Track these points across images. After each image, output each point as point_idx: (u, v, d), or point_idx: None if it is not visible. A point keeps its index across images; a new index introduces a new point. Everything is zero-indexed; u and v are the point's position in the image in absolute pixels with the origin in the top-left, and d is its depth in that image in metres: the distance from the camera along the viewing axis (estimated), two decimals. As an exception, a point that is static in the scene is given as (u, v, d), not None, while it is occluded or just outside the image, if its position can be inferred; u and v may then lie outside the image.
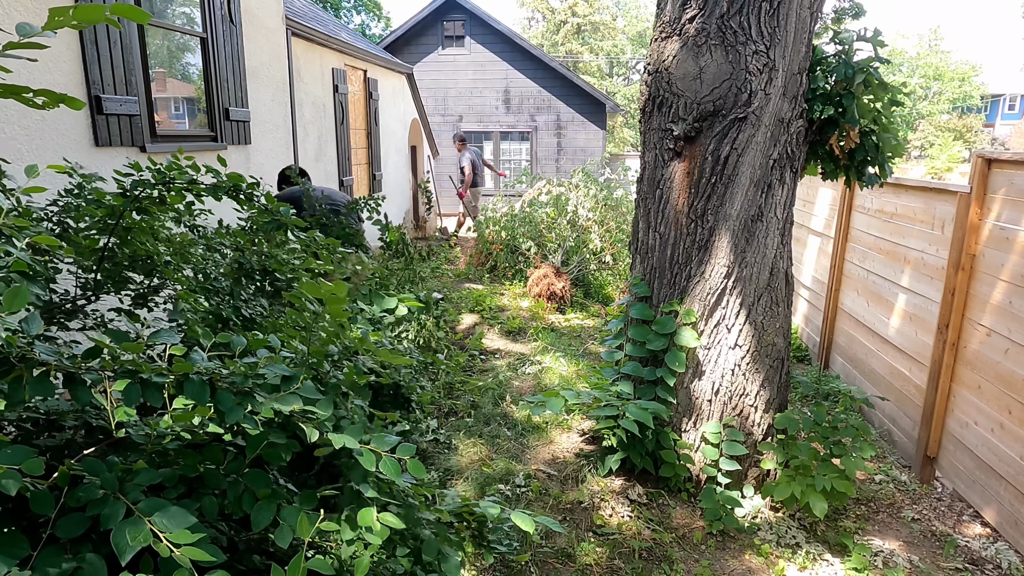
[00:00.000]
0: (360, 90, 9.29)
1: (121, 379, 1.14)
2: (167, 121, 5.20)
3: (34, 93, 1.20)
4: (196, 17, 5.13)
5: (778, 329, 3.43)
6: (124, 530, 1.00)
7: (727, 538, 3.16)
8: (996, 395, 3.26)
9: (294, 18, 6.79)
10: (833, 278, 5.30)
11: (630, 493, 3.41)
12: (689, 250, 3.38)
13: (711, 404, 3.42)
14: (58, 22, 1.07)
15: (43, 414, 1.31)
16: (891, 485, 3.77)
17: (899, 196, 4.35)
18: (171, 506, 1.07)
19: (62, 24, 1.08)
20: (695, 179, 3.30)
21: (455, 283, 8.23)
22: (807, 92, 3.32)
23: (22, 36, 1.06)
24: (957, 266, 3.55)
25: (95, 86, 3.80)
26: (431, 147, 13.71)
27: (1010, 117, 37.81)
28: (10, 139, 3.24)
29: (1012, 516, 3.17)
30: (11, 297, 1.01)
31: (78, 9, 1.09)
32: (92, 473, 1.11)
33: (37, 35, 1.06)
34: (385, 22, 32.56)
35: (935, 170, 20.14)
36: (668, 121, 3.32)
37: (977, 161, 3.44)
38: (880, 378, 4.49)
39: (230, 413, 1.15)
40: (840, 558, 3.04)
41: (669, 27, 3.28)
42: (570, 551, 2.96)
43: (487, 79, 16.67)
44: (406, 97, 11.79)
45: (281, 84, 6.49)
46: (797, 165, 3.40)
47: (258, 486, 1.27)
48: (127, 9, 1.12)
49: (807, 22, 3.26)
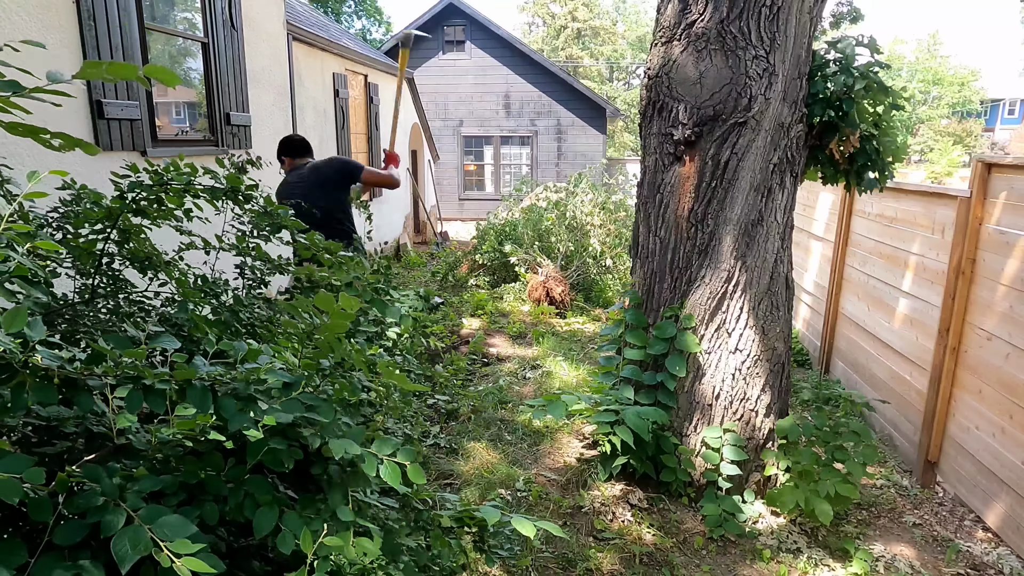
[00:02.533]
0: (361, 95, 9.31)
1: (123, 385, 1.13)
2: (168, 126, 5.21)
3: (51, 135, 1.22)
4: (197, 22, 5.14)
5: (779, 333, 3.43)
6: (125, 538, 1.00)
7: (728, 543, 3.15)
8: (997, 400, 3.26)
9: (295, 23, 6.81)
10: (834, 282, 5.30)
11: (631, 498, 3.40)
12: (689, 254, 3.38)
13: (712, 409, 3.41)
14: (91, 73, 1.10)
15: (44, 420, 1.31)
16: (892, 490, 3.76)
17: (899, 200, 4.35)
18: (172, 514, 1.07)
19: (95, 76, 1.11)
20: (695, 184, 3.31)
21: (455, 287, 8.23)
22: (807, 96, 3.32)
23: (52, 82, 1.08)
24: (958, 270, 3.55)
25: (96, 90, 3.81)
26: (431, 151, 13.72)
27: (1010, 122, 37.87)
28: (12, 144, 3.25)
29: (1014, 521, 3.16)
30: (11, 317, 1.02)
31: (112, 66, 1.12)
32: (92, 480, 1.10)
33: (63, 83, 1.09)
34: (386, 27, 32.66)
35: (935, 174, 20.15)
36: (668, 126, 3.32)
37: (977, 165, 3.44)
38: (881, 383, 4.48)
39: (233, 420, 1.15)
40: (842, 563, 3.03)
41: (669, 32, 3.28)
42: (571, 556, 2.95)
43: (487, 84, 16.70)
44: (406, 102, 11.81)
45: (282, 89, 6.50)
46: (797, 169, 3.40)
47: (259, 492, 1.27)
48: (158, 71, 1.15)
49: (807, 27, 3.26)
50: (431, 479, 3.55)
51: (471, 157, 17.12)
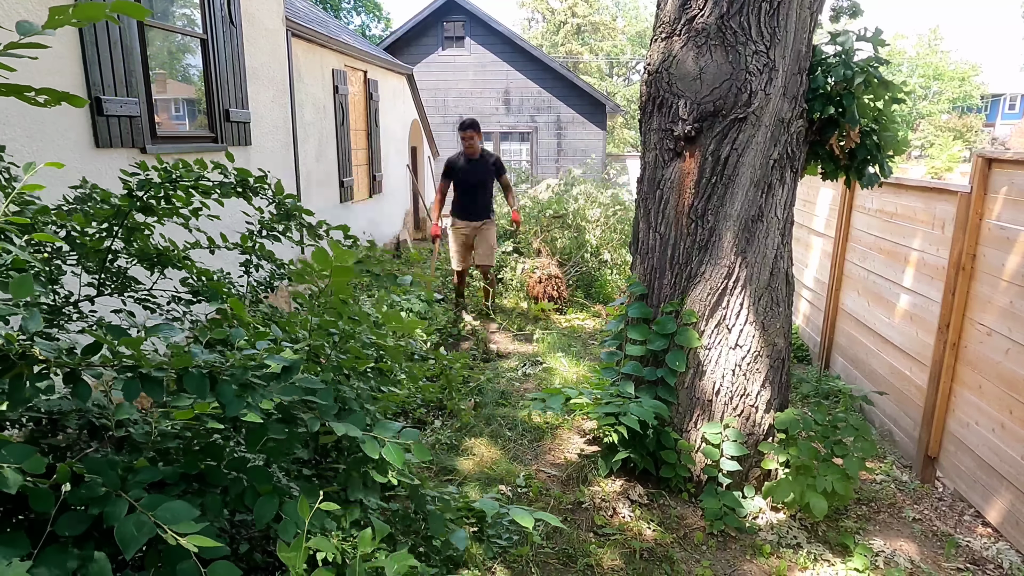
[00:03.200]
0: (360, 91, 9.30)
1: (121, 374, 1.14)
2: (167, 122, 5.20)
3: (35, 92, 1.20)
4: (196, 18, 5.13)
5: (779, 329, 3.43)
6: (129, 523, 1.00)
7: (728, 538, 3.16)
8: (997, 395, 3.26)
9: (294, 19, 6.79)
10: (833, 278, 5.30)
11: (631, 493, 3.41)
12: (689, 250, 3.38)
13: (712, 404, 3.42)
14: (58, 20, 1.06)
15: (45, 413, 1.31)
16: (892, 485, 3.77)
17: (899, 196, 4.35)
18: (173, 500, 1.07)
19: (62, 23, 1.08)
20: (695, 179, 3.30)
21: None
22: (807, 92, 3.32)
23: (23, 35, 1.06)
24: (958, 266, 3.55)
25: (95, 87, 3.80)
26: (431, 148, 13.70)
27: (1010, 117, 37.82)
28: (11, 140, 3.24)
29: (1013, 516, 3.17)
30: (18, 285, 1.01)
31: (78, 7, 1.09)
32: (94, 472, 1.11)
33: (38, 34, 1.06)
34: (385, 23, 32.60)
35: (935, 170, 20.13)
36: (668, 121, 3.32)
37: (977, 161, 3.44)
38: (881, 378, 4.49)
39: (231, 405, 1.15)
40: (841, 558, 3.03)
41: (669, 27, 3.28)
42: (571, 551, 2.96)
43: (487, 80, 16.68)
44: (406, 98, 11.80)
45: (281, 85, 6.49)
46: (797, 165, 3.40)
47: (260, 482, 1.27)
48: (126, 6, 1.11)
49: (807, 22, 3.26)
50: (432, 475, 3.56)
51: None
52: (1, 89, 1.20)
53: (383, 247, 7.06)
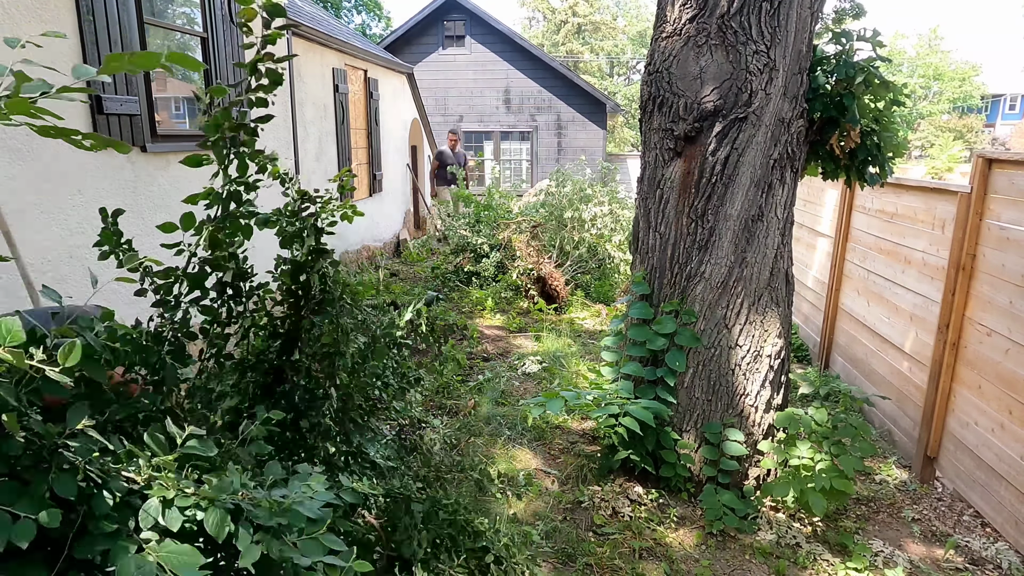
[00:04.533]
0: (360, 90, 9.29)
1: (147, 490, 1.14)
2: (168, 121, 5.20)
3: (82, 136, 1.20)
4: (196, 17, 5.13)
5: (778, 329, 3.43)
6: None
7: (727, 538, 3.16)
8: (996, 395, 3.26)
9: (295, 18, 6.78)
10: (833, 278, 5.30)
11: (630, 493, 3.41)
12: (689, 250, 3.38)
13: (711, 404, 3.42)
14: (114, 67, 1.09)
15: None
16: (891, 485, 3.77)
17: (900, 196, 4.35)
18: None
19: (118, 69, 1.10)
20: (695, 179, 3.30)
21: (455, 283, 8.21)
22: (808, 92, 3.31)
23: (77, 77, 1.08)
24: (958, 266, 3.55)
25: (95, 85, 3.80)
26: (431, 147, 13.69)
27: (1011, 117, 37.78)
28: (10, 139, 3.24)
29: (1012, 516, 3.17)
30: (66, 352, 1.03)
31: (135, 56, 1.10)
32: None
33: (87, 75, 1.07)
34: (385, 22, 32.57)
35: (935, 170, 20.09)
36: (668, 121, 3.32)
37: (978, 161, 3.44)
38: (880, 378, 4.49)
39: (246, 554, 1.14)
40: (840, 558, 3.03)
41: (670, 27, 3.28)
42: (571, 551, 2.96)
43: (487, 79, 16.66)
44: (406, 97, 11.78)
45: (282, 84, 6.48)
46: (798, 165, 3.39)
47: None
48: (181, 57, 1.13)
49: (808, 22, 3.25)
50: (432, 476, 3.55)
51: (471, 152, 17.09)
52: (50, 131, 1.20)
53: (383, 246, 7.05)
